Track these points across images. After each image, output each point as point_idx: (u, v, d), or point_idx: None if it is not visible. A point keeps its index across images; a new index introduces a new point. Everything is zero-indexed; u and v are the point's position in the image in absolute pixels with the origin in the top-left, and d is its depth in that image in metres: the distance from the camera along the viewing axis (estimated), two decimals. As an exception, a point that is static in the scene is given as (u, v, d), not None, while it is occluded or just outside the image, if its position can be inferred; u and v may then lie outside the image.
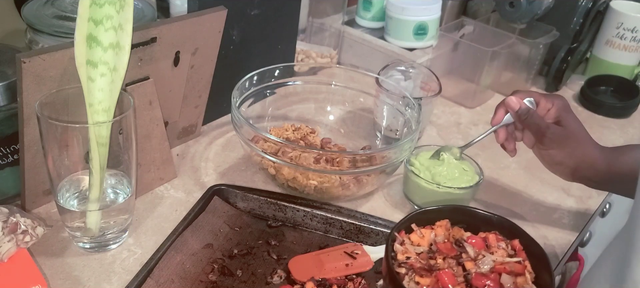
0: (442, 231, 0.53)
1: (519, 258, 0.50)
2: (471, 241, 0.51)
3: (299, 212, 0.72)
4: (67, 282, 0.61)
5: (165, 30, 0.69)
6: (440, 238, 0.52)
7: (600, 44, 1.20)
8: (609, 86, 1.19)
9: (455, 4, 1.23)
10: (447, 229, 0.53)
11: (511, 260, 0.49)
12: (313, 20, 1.12)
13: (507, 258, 0.50)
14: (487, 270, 0.48)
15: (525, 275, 0.49)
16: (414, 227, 0.53)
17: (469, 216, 0.54)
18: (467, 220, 0.53)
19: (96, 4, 0.56)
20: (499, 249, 0.51)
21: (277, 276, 0.64)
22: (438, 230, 0.53)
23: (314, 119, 0.94)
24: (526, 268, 0.49)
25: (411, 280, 0.48)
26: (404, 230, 0.53)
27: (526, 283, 0.48)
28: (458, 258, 0.49)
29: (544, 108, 0.71)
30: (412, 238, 0.52)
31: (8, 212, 0.62)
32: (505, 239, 0.52)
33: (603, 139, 1.02)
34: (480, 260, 0.48)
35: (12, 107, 0.66)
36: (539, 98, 0.71)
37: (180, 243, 0.65)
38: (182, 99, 0.80)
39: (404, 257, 0.50)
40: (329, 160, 0.70)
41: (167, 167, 0.77)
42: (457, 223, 0.55)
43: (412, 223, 0.53)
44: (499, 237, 0.52)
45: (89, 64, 0.57)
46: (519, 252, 0.51)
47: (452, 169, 0.77)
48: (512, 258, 0.50)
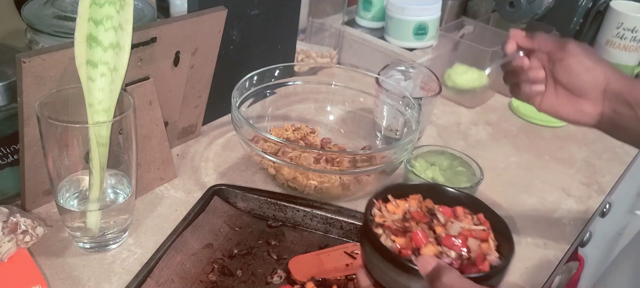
0: (415, 202, 0.57)
1: (484, 227, 0.54)
2: (441, 209, 0.56)
3: (299, 212, 0.72)
4: (67, 282, 0.61)
5: (165, 30, 0.69)
6: (414, 208, 0.56)
7: (600, 44, 1.20)
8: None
9: (455, 4, 1.23)
10: (419, 201, 0.57)
11: (477, 228, 0.54)
12: (313, 20, 1.12)
13: (474, 226, 0.54)
14: (455, 234, 0.52)
15: (489, 241, 0.53)
16: (390, 197, 0.57)
17: (439, 193, 0.59)
18: (437, 196, 0.58)
19: (96, 4, 0.56)
20: (466, 219, 0.55)
21: (277, 276, 0.64)
22: (411, 202, 0.57)
23: (314, 119, 0.94)
24: (490, 235, 0.54)
25: (388, 238, 0.51)
26: (381, 199, 0.57)
27: (490, 249, 0.52)
28: (429, 223, 0.53)
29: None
30: (388, 207, 0.56)
31: (8, 212, 0.62)
32: (472, 213, 0.57)
33: (603, 138, 1.02)
34: (449, 226, 0.53)
35: (12, 107, 0.66)
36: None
37: (180, 243, 0.65)
38: (182, 99, 0.80)
39: (381, 220, 0.54)
40: (329, 160, 0.70)
41: (167, 167, 0.77)
42: (429, 198, 0.59)
43: (388, 194, 0.57)
44: (466, 211, 0.57)
45: (89, 64, 0.57)
46: (484, 223, 0.55)
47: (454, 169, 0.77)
48: (477, 227, 0.54)
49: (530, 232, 0.77)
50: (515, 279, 0.69)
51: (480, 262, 0.50)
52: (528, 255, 0.73)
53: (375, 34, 1.16)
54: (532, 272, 0.70)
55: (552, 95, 0.67)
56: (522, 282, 0.69)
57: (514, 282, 0.68)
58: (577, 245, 0.85)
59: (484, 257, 0.51)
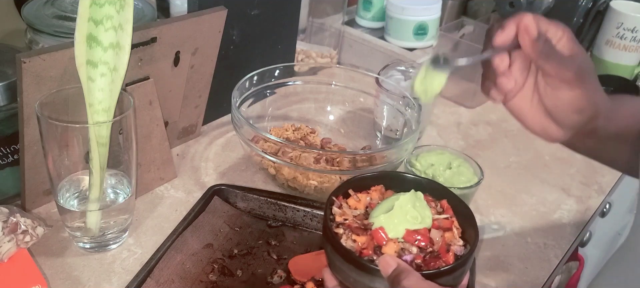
0: (377, 195, 0.56)
1: (446, 215, 0.53)
2: None
3: (299, 212, 0.72)
4: (67, 282, 0.61)
5: (165, 30, 0.69)
6: (375, 201, 0.56)
7: (600, 44, 1.20)
8: (609, 86, 1.19)
9: (455, 4, 1.23)
10: (381, 193, 0.57)
11: (440, 217, 0.53)
12: (313, 20, 1.12)
13: (436, 215, 0.53)
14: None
15: (453, 230, 0.52)
16: (351, 192, 0.56)
17: (400, 181, 0.58)
18: (399, 185, 0.57)
19: (96, 4, 0.56)
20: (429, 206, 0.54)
21: (277, 276, 0.64)
22: (373, 194, 0.56)
23: (314, 119, 0.94)
24: (453, 223, 0.53)
25: (348, 238, 0.51)
26: (342, 195, 0.56)
27: (454, 238, 0.52)
28: None
29: (555, 37, 0.54)
30: (350, 203, 0.55)
31: (8, 212, 0.62)
32: (435, 200, 0.56)
33: (603, 138, 1.02)
34: None
35: (12, 107, 0.66)
36: (546, 25, 0.54)
37: (180, 243, 0.65)
38: (182, 99, 0.80)
39: (341, 218, 0.53)
40: (329, 160, 0.70)
41: (167, 167, 0.77)
42: (391, 188, 0.58)
43: (349, 189, 0.56)
44: (428, 198, 0.55)
45: (89, 64, 0.57)
46: (447, 210, 0.54)
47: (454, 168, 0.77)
48: (440, 215, 0.53)
49: (530, 232, 0.77)
50: (515, 279, 0.69)
51: (444, 253, 0.50)
52: (528, 255, 0.73)
53: (375, 34, 1.16)
54: (532, 272, 0.70)
55: (525, 99, 0.56)
56: (522, 282, 0.68)
57: (514, 282, 0.68)
58: (577, 245, 0.85)
59: (448, 247, 0.50)
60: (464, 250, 0.51)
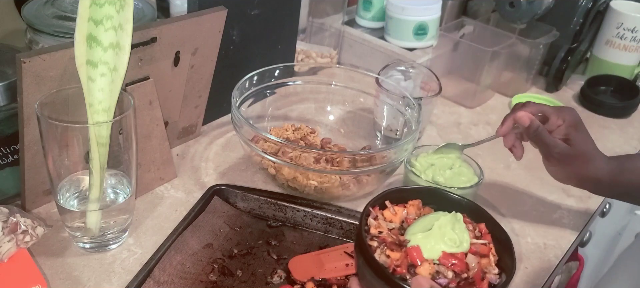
0: (414, 210, 0.55)
1: (484, 241, 0.52)
2: None
3: (299, 212, 0.72)
4: (67, 282, 0.61)
5: (165, 30, 0.69)
6: (412, 216, 0.54)
7: (600, 44, 1.20)
8: (608, 86, 1.19)
9: (455, 4, 1.23)
10: (418, 208, 0.55)
11: (477, 242, 0.52)
12: (313, 20, 1.12)
13: (474, 239, 0.52)
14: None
15: (489, 257, 0.51)
16: (387, 204, 0.55)
17: (440, 198, 0.56)
18: (439, 202, 0.56)
19: (96, 4, 0.56)
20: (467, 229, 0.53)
21: (277, 276, 0.64)
22: (410, 209, 0.55)
23: (314, 119, 0.94)
24: (490, 250, 0.52)
25: (382, 253, 0.50)
26: (378, 206, 0.55)
27: (490, 265, 0.50)
28: None
29: (554, 124, 0.68)
30: (385, 215, 0.54)
31: (8, 212, 0.62)
32: (473, 222, 0.54)
33: (603, 138, 1.02)
34: None
35: (12, 107, 0.66)
36: (549, 112, 0.68)
37: (180, 243, 0.65)
38: (182, 99, 0.80)
39: (376, 231, 0.52)
40: (329, 160, 0.70)
41: (167, 167, 0.77)
42: (429, 204, 0.57)
43: (386, 200, 0.55)
44: (467, 220, 0.54)
45: (89, 64, 0.57)
46: (485, 235, 0.53)
47: (455, 168, 0.77)
48: (478, 240, 0.52)
49: (530, 232, 0.77)
50: (515, 279, 0.69)
51: (479, 281, 0.48)
52: (528, 255, 0.73)
53: (375, 34, 1.16)
54: (532, 272, 0.70)
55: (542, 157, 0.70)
56: (522, 282, 0.68)
57: (514, 282, 0.68)
58: (577, 245, 0.85)
59: (483, 274, 0.49)
60: (499, 280, 0.49)
